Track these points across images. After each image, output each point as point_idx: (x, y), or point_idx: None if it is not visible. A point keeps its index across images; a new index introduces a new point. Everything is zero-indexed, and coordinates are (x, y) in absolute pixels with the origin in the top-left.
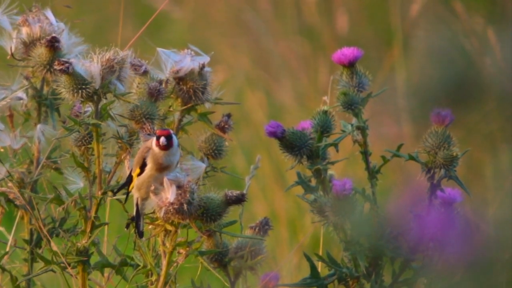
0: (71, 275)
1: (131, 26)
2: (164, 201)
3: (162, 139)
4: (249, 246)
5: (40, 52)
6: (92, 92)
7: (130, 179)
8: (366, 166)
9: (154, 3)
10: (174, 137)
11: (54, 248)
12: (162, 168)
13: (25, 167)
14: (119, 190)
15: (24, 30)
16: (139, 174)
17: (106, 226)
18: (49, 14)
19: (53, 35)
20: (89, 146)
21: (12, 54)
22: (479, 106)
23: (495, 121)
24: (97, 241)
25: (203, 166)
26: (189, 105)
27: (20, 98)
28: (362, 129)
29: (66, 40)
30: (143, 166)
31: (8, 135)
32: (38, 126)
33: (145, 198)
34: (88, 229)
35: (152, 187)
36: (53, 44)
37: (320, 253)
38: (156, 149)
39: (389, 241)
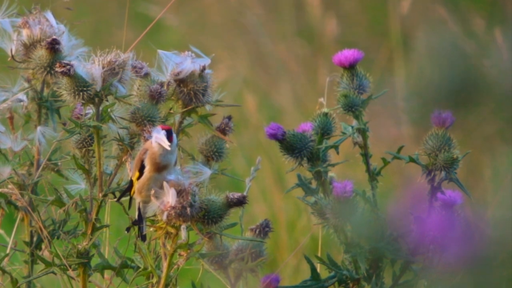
0: (72, 277)
1: (130, 28)
2: (165, 205)
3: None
4: (249, 248)
5: (41, 54)
6: (93, 94)
7: (130, 184)
8: (366, 168)
9: (150, 9)
10: (174, 135)
11: (56, 248)
12: (160, 167)
13: (25, 169)
14: (121, 196)
15: (25, 32)
16: (138, 178)
17: (104, 228)
18: (50, 16)
19: (54, 37)
20: (90, 148)
21: (12, 56)
22: (479, 108)
23: (496, 123)
24: (98, 243)
25: (208, 172)
26: (190, 107)
27: (21, 100)
28: (362, 131)
29: (67, 42)
30: (142, 169)
31: (8, 137)
32: (38, 128)
33: (146, 201)
34: (89, 231)
35: (153, 191)
36: (53, 46)
37: (319, 255)
38: (154, 147)
39: (389, 243)
